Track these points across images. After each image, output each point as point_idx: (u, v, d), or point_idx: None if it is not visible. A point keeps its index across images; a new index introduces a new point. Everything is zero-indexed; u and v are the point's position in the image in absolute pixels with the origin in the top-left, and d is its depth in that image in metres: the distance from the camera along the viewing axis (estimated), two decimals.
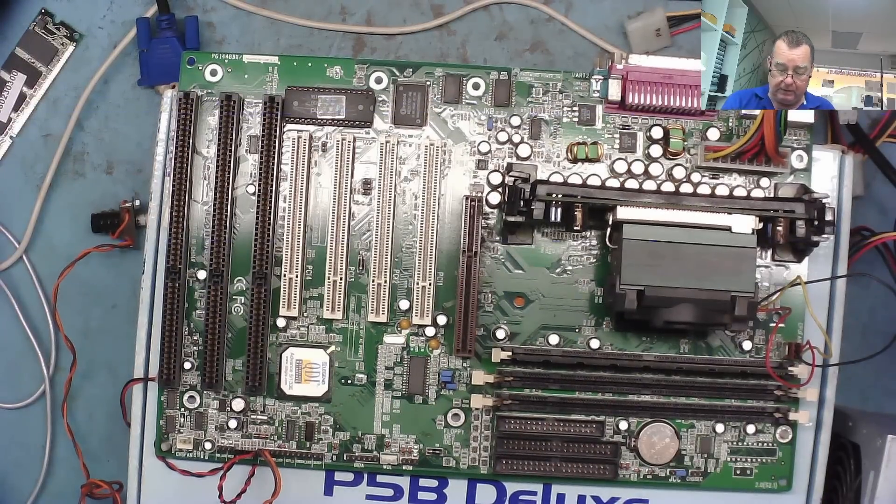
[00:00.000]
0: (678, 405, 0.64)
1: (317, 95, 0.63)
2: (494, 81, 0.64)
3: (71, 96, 0.73)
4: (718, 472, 0.64)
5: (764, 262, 0.64)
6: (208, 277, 0.62)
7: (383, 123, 0.64)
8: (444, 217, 0.63)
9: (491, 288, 0.64)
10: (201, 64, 0.63)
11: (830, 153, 0.65)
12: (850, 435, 0.66)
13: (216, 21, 0.73)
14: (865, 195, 0.73)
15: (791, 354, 0.64)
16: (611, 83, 0.63)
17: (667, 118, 0.64)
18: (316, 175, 0.63)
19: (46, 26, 0.73)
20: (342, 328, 0.63)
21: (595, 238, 0.64)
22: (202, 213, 0.63)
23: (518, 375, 0.63)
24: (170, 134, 0.63)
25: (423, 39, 0.74)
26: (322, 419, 0.64)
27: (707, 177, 0.64)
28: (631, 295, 0.59)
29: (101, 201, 0.72)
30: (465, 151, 0.64)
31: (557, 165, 0.64)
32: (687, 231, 0.60)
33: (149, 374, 0.63)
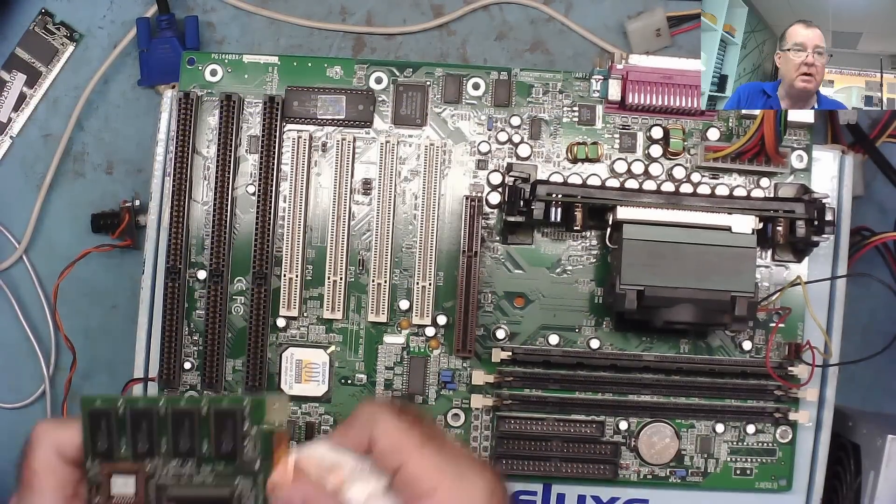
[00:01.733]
0: (678, 405, 0.64)
1: (317, 95, 0.63)
2: (494, 81, 0.64)
3: (71, 96, 0.73)
4: (718, 472, 0.64)
5: (764, 262, 0.64)
6: (208, 277, 0.62)
7: (383, 123, 0.64)
8: (444, 217, 0.63)
9: (491, 288, 0.64)
10: (201, 64, 0.63)
11: (830, 153, 0.65)
12: (850, 435, 0.66)
13: (216, 21, 0.73)
14: (865, 195, 0.73)
15: (791, 354, 0.64)
16: (611, 83, 0.63)
17: (667, 118, 0.64)
18: (316, 175, 0.63)
19: (46, 26, 0.73)
20: (342, 328, 0.63)
21: (595, 238, 0.64)
22: (202, 213, 0.63)
23: (518, 375, 0.63)
24: (170, 134, 0.63)
25: (423, 39, 0.74)
26: (322, 419, 0.63)
27: (707, 177, 0.64)
28: (631, 295, 0.59)
29: (101, 201, 0.72)
30: (465, 151, 0.64)
31: (557, 165, 0.64)
32: (687, 231, 0.60)
33: (149, 374, 0.63)
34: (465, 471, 0.45)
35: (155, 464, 0.47)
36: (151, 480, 0.47)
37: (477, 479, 0.45)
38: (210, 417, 0.47)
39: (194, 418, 0.47)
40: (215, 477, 0.47)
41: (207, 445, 0.47)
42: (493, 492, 0.45)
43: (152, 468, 0.47)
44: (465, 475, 0.45)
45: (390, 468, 0.45)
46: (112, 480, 0.47)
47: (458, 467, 0.45)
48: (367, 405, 0.47)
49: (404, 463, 0.44)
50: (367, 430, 0.46)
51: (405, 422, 0.46)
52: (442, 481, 0.44)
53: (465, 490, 0.45)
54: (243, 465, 0.47)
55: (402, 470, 0.45)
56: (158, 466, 0.47)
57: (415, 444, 0.45)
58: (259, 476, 0.47)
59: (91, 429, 0.47)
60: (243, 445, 0.47)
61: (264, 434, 0.47)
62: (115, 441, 0.47)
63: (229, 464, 0.47)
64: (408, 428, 0.45)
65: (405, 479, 0.45)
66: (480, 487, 0.45)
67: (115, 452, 0.47)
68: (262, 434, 0.47)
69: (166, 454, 0.47)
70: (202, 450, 0.47)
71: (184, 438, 0.47)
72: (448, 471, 0.45)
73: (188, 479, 0.48)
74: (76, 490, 0.47)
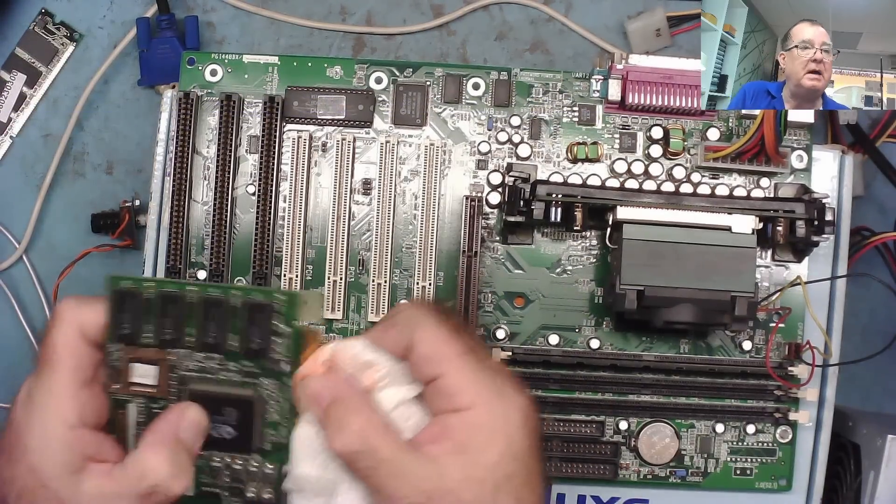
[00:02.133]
0: (678, 405, 0.64)
1: (317, 95, 0.63)
2: (494, 81, 0.64)
3: (71, 96, 0.73)
4: (718, 472, 0.64)
5: (764, 262, 0.64)
6: (208, 277, 0.62)
7: (383, 123, 0.64)
8: (444, 217, 0.63)
9: (491, 288, 0.64)
10: (201, 64, 0.63)
11: (830, 153, 0.65)
12: (850, 435, 0.66)
13: (216, 21, 0.73)
14: (865, 195, 0.73)
15: (791, 354, 0.64)
16: (611, 83, 0.63)
17: (667, 118, 0.64)
18: (316, 175, 0.63)
19: (46, 26, 0.73)
20: (342, 328, 0.63)
21: (595, 238, 0.64)
22: (202, 213, 0.63)
23: (518, 375, 0.63)
24: (170, 134, 0.63)
25: (423, 39, 0.74)
26: None
27: (707, 177, 0.64)
28: (631, 295, 0.59)
29: (101, 201, 0.72)
30: (465, 151, 0.64)
31: (557, 165, 0.64)
32: (687, 231, 0.60)
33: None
34: (504, 388, 0.43)
35: (179, 354, 0.45)
36: (174, 371, 0.45)
37: (515, 399, 0.43)
38: (240, 309, 0.44)
39: (225, 309, 0.44)
40: (240, 375, 0.45)
41: (235, 340, 0.44)
42: (528, 416, 0.43)
43: (176, 358, 0.45)
44: (504, 394, 0.43)
45: (427, 377, 0.43)
46: (133, 367, 0.45)
47: (497, 384, 0.43)
48: (409, 307, 0.45)
49: (443, 374, 0.42)
50: (406, 334, 0.44)
51: (447, 331, 0.44)
52: (479, 397, 0.42)
53: (502, 409, 0.43)
54: (270, 364, 0.45)
55: (440, 380, 0.43)
56: (183, 357, 0.45)
57: (456, 354, 0.43)
58: (285, 378, 0.45)
59: (116, 310, 0.44)
60: (273, 343, 0.44)
61: (296, 332, 0.44)
62: (140, 325, 0.44)
63: (256, 362, 0.45)
64: (449, 338, 0.43)
65: (441, 390, 0.43)
66: (517, 408, 0.43)
67: (139, 338, 0.45)
68: (293, 332, 0.44)
69: (192, 345, 0.45)
70: (229, 344, 0.44)
71: (212, 330, 0.44)
72: (486, 387, 0.43)
73: (212, 374, 0.45)
74: (95, 374, 0.45)
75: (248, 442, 0.47)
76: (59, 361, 0.45)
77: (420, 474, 0.42)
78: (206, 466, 0.47)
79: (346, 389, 0.44)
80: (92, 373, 0.46)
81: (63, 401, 0.44)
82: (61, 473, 0.43)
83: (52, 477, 0.43)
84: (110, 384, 0.46)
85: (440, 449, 0.42)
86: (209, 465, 0.47)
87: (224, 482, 0.48)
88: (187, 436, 0.45)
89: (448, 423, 0.43)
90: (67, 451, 0.44)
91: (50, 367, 0.45)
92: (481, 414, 0.42)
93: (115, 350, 0.45)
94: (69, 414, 0.44)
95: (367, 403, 0.43)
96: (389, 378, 0.44)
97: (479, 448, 0.42)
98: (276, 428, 0.46)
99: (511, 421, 0.43)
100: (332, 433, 0.43)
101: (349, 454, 0.42)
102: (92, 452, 0.45)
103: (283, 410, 0.46)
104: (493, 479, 0.42)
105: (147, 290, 0.44)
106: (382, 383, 0.44)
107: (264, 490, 0.47)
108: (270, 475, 0.47)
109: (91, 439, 0.45)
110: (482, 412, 0.42)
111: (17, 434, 0.45)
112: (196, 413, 0.46)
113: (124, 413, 0.46)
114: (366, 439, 0.42)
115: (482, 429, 0.42)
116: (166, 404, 0.46)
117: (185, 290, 0.44)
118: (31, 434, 0.44)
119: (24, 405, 0.45)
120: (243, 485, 0.47)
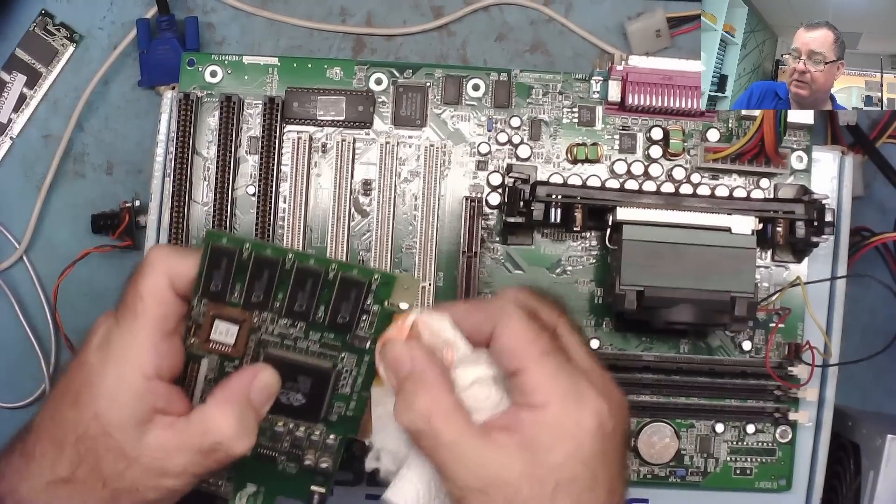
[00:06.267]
0: (678, 405, 0.64)
1: (317, 96, 0.63)
2: (494, 82, 0.64)
3: (71, 97, 0.73)
4: (718, 472, 0.64)
5: (764, 263, 0.64)
6: None
7: (383, 124, 0.64)
8: (444, 218, 0.63)
9: (491, 288, 0.64)
10: (201, 65, 0.64)
11: (830, 154, 0.65)
12: (850, 435, 0.66)
13: (216, 22, 0.73)
14: (865, 195, 0.73)
15: (791, 354, 0.64)
16: (610, 84, 0.63)
17: (666, 119, 0.64)
18: (316, 176, 0.63)
19: (46, 27, 0.73)
20: None
21: (595, 238, 0.64)
22: (202, 213, 0.63)
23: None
24: (170, 135, 0.63)
25: (422, 40, 0.74)
26: None
27: (707, 178, 0.64)
28: (631, 295, 0.59)
29: (101, 201, 0.72)
30: (465, 152, 0.64)
31: (557, 166, 0.64)
32: (687, 232, 0.60)
33: None
34: (583, 392, 0.43)
35: (264, 318, 0.45)
36: (254, 334, 0.45)
37: (593, 403, 0.43)
38: (334, 282, 0.44)
39: (319, 280, 0.44)
40: (321, 346, 0.45)
41: (323, 311, 0.44)
42: (604, 422, 0.43)
43: (259, 321, 0.45)
44: (583, 397, 0.43)
45: (507, 370, 0.43)
46: (215, 324, 0.45)
47: (577, 387, 0.43)
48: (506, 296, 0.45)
49: (522, 369, 0.43)
50: (492, 322, 0.44)
51: (533, 331, 0.44)
52: (554, 397, 0.42)
53: (576, 412, 0.43)
54: (354, 340, 0.45)
55: (519, 376, 0.43)
56: (266, 321, 0.45)
57: (537, 353, 0.43)
58: (365, 356, 0.44)
59: (209, 265, 0.44)
60: (360, 320, 0.44)
61: (384, 313, 0.44)
62: (231, 285, 0.44)
63: (339, 336, 0.45)
64: (534, 337, 0.43)
65: (518, 386, 0.43)
66: (593, 413, 0.43)
67: (227, 296, 0.44)
68: (382, 312, 0.44)
69: (278, 311, 0.45)
70: (316, 315, 0.44)
71: (301, 298, 0.44)
72: (564, 388, 0.43)
73: (293, 341, 0.45)
74: (177, 326, 0.45)
75: (317, 412, 0.47)
76: (144, 309, 0.44)
77: (480, 461, 0.42)
78: (269, 430, 0.47)
79: (425, 362, 0.44)
80: (174, 325, 0.45)
81: (143, 351, 0.44)
82: (128, 424, 0.43)
83: (118, 427, 0.43)
84: (188, 338, 0.46)
85: (507, 440, 0.42)
86: (272, 429, 0.47)
87: (283, 447, 0.48)
88: (258, 397, 0.45)
89: (520, 416, 0.43)
90: (139, 401, 0.43)
91: (133, 314, 0.44)
92: (554, 414, 0.43)
93: (201, 306, 0.45)
94: (147, 365, 0.43)
95: (441, 382, 0.43)
96: (469, 358, 0.44)
97: (545, 447, 0.42)
98: (347, 401, 0.46)
99: (583, 425, 0.43)
100: (401, 408, 0.43)
101: (413, 431, 0.43)
102: (162, 405, 0.44)
103: (357, 385, 0.46)
104: (555, 480, 0.42)
105: (244, 251, 0.44)
106: (461, 361, 0.44)
107: (322, 459, 0.47)
108: (331, 446, 0.47)
109: (163, 392, 0.44)
110: (555, 412, 0.43)
111: (87, 377, 0.43)
112: (270, 376, 0.45)
113: (196, 367, 0.46)
114: (429, 420, 0.42)
115: (552, 428, 0.43)
116: (240, 364, 0.46)
117: (282, 256, 0.44)
118: (104, 380, 0.43)
119: (100, 349, 0.44)
120: (302, 451, 0.47)
